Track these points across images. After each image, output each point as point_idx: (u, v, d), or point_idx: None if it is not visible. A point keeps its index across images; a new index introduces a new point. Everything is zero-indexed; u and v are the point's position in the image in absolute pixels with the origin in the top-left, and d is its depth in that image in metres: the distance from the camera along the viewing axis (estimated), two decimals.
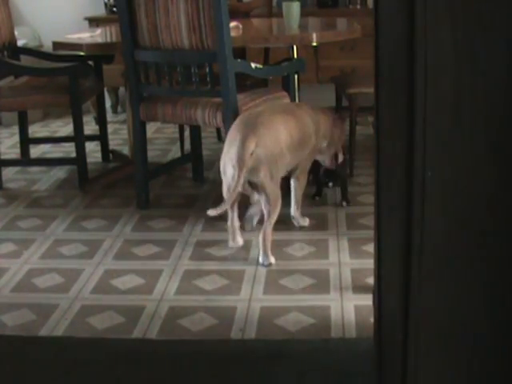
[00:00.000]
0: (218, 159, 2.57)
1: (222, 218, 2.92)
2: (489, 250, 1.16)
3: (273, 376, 1.85)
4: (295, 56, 3.41)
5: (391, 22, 1.21)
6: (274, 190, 2.53)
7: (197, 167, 3.50)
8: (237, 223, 2.69)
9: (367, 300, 2.09)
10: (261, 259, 2.53)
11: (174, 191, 3.39)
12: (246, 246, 2.68)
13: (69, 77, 3.29)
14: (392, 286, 1.32)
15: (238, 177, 2.40)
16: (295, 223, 2.87)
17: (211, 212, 2.43)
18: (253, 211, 2.77)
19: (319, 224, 2.87)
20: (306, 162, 2.81)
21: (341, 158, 2.99)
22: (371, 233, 1.58)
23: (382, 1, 1.27)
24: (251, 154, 2.43)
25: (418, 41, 1.09)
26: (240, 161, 2.40)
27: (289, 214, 2.95)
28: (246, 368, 1.89)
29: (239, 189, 2.45)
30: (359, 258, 2.54)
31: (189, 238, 2.79)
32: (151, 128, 4.61)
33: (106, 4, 4.95)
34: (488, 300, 1.18)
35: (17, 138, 4.04)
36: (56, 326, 2.15)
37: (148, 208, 3.13)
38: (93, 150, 4.04)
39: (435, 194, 1.14)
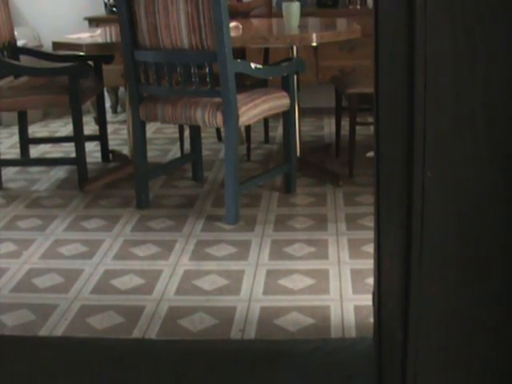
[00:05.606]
0: (218, 159, 2.57)
1: (222, 217, 2.93)
2: (489, 249, 1.16)
3: (273, 376, 1.85)
4: (295, 56, 3.41)
5: (391, 22, 1.21)
6: None
7: (197, 167, 3.50)
8: None
9: (367, 300, 2.09)
10: None
11: (173, 191, 3.39)
12: (246, 246, 2.68)
13: (69, 77, 3.29)
14: (392, 285, 1.32)
15: None
16: None
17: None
18: None
19: (319, 223, 2.87)
20: None
21: None
22: (371, 233, 1.58)
23: (382, 1, 1.27)
24: None
25: (418, 41, 1.09)
26: None
27: (288, 214, 2.96)
28: (246, 368, 1.89)
29: None
30: (359, 258, 2.54)
31: (189, 238, 2.79)
32: (151, 128, 4.62)
33: (105, 4, 4.95)
34: (488, 300, 1.18)
35: (17, 138, 4.04)
36: (56, 326, 2.15)
37: (148, 208, 3.13)
38: (93, 150, 4.04)
39: (435, 194, 1.14)
